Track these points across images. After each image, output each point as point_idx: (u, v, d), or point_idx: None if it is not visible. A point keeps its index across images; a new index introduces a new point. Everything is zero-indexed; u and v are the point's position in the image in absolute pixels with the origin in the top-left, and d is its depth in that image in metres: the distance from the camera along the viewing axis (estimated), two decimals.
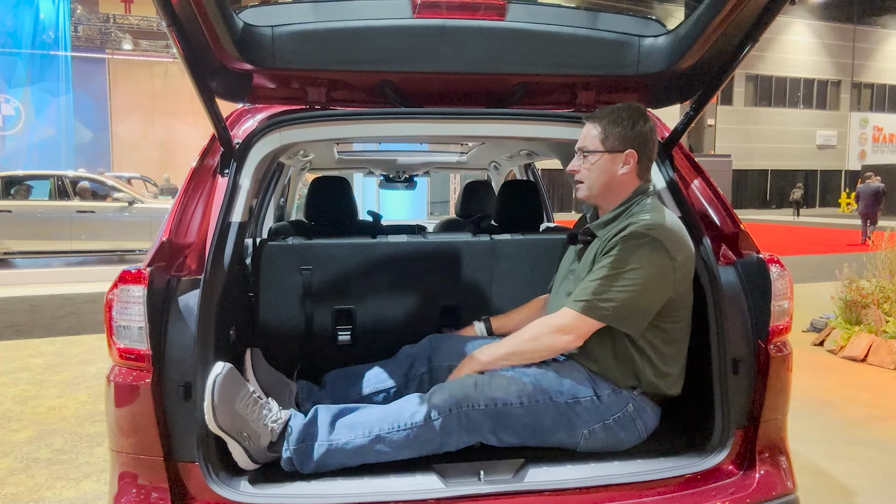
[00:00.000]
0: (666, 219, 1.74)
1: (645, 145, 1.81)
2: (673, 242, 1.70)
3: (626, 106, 1.82)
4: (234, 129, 2.01)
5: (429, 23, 1.80)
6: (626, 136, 1.79)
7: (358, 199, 2.96)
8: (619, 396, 1.76)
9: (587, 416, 1.74)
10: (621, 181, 1.82)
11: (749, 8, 1.53)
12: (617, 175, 1.81)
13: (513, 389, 1.72)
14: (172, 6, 1.39)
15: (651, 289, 1.69)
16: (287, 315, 2.31)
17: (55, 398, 4.22)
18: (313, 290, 2.30)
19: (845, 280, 5.55)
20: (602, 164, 1.82)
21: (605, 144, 1.81)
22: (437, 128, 2.00)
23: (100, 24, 19.58)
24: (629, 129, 1.79)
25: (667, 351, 1.78)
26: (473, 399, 1.69)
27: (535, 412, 1.71)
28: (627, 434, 1.78)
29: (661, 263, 1.68)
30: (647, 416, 1.80)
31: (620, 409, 1.76)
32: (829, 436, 3.59)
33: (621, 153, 1.80)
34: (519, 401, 1.70)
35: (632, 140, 1.79)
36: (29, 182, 10.73)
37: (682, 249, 1.72)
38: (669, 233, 1.71)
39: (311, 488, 1.67)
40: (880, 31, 33.94)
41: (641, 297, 1.68)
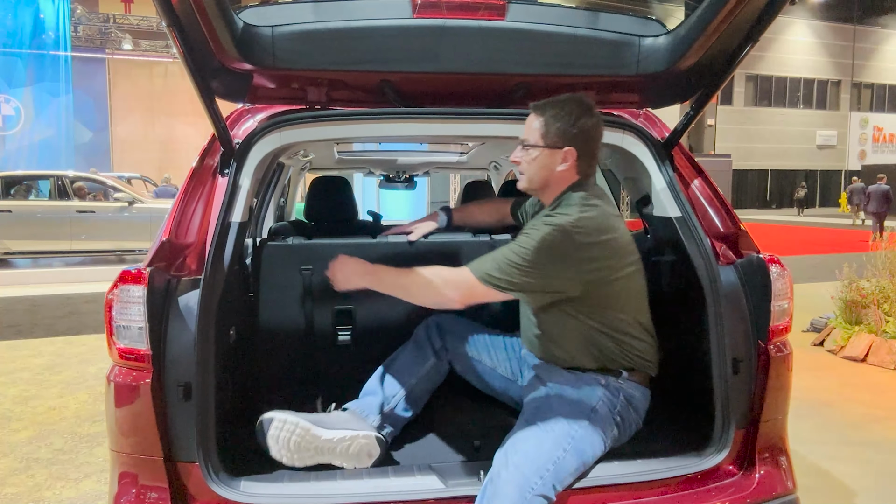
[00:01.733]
0: (585, 212, 1.71)
1: (587, 142, 1.79)
2: (584, 234, 1.67)
3: (571, 99, 1.78)
4: (234, 129, 2.01)
5: (429, 23, 1.80)
6: (566, 132, 1.76)
7: (358, 199, 2.96)
8: (609, 389, 1.77)
9: (605, 421, 1.73)
10: (560, 177, 1.80)
11: (749, 8, 1.53)
12: (555, 171, 1.80)
13: (548, 444, 1.62)
14: (172, 6, 1.39)
15: (546, 271, 1.66)
16: (287, 315, 2.31)
17: (55, 398, 4.22)
18: (313, 290, 2.30)
19: (845, 280, 5.55)
20: (541, 158, 1.80)
21: (544, 139, 1.78)
22: (437, 128, 2.00)
23: (100, 24, 19.56)
24: (570, 126, 1.76)
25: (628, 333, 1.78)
26: (530, 482, 1.54)
27: (578, 448, 1.64)
28: (630, 424, 1.80)
29: (563, 248, 1.65)
30: (638, 400, 1.81)
31: (616, 401, 1.77)
32: (829, 436, 3.59)
33: (560, 150, 1.78)
34: (563, 449, 1.62)
35: (572, 137, 1.77)
36: (29, 182, 10.73)
37: (594, 238, 1.68)
38: (583, 224, 1.68)
39: (310, 488, 1.68)
40: (880, 31, 33.93)
41: (533, 276, 1.65)
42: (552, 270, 1.67)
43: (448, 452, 1.89)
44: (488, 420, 2.04)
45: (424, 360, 2.04)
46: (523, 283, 1.67)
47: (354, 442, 1.76)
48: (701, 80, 1.87)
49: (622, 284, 1.76)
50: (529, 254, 1.65)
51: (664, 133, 2.10)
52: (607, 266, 1.71)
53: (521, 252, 1.66)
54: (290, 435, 1.73)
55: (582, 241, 1.67)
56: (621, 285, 1.76)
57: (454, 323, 2.13)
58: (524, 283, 1.67)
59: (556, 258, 1.66)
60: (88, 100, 19.57)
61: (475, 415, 2.09)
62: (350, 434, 1.76)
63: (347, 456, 1.76)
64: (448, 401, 2.15)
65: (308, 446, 1.74)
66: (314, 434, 1.74)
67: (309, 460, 1.75)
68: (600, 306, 1.75)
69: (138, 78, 20.37)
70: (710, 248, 1.85)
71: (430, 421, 2.06)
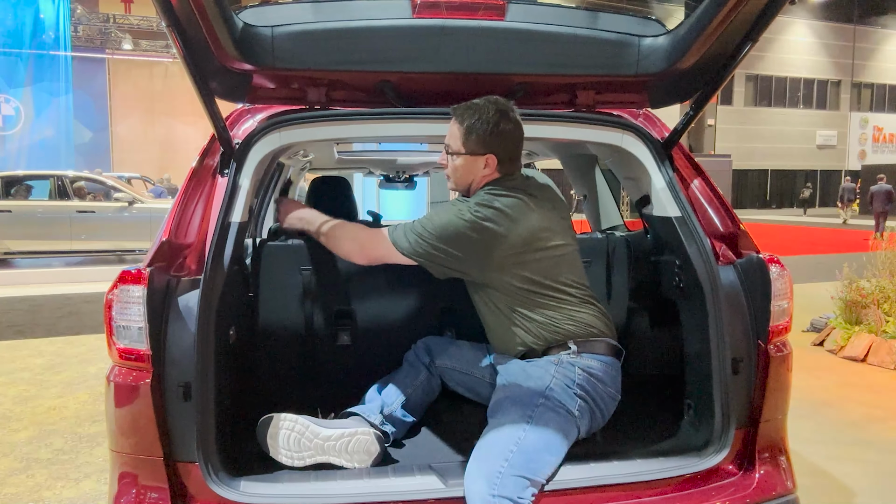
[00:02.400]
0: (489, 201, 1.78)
1: (507, 147, 1.84)
2: (482, 218, 1.75)
3: (489, 103, 1.82)
4: (234, 129, 2.01)
5: (428, 23, 1.80)
6: (486, 139, 1.82)
7: (358, 199, 2.96)
8: (562, 365, 1.78)
9: (565, 396, 1.74)
10: (482, 178, 1.88)
11: (749, 8, 1.53)
12: (479, 174, 1.88)
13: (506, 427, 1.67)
14: (172, 6, 1.38)
15: (443, 248, 1.77)
16: (287, 315, 2.31)
17: (55, 398, 4.22)
18: (313, 290, 2.30)
19: (845, 280, 5.55)
20: (464, 164, 1.87)
21: (465, 146, 1.85)
22: (437, 128, 2.00)
23: (100, 24, 19.57)
24: (489, 133, 1.81)
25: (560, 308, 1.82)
26: (495, 467, 1.56)
27: (539, 427, 1.66)
28: (601, 396, 1.80)
29: (459, 229, 1.76)
30: (599, 369, 1.80)
31: (573, 374, 1.77)
32: (829, 436, 3.59)
33: (482, 156, 1.84)
34: (521, 429, 1.65)
35: (491, 143, 1.82)
36: (29, 182, 10.73)
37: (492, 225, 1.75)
38: (481, 211, 1.76)
39: (310, 488, 1.68)
40: (880, 31, 33.92)
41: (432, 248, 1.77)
42: (448, 248, 1.77)
43: (448, 452, 1.89)
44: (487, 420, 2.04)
45: (417, 374, 2.09)
46: (423, 252, 1.79)
47: (354, 438, 1.76)
48: (701, 80, 1.87)
49: (535, 266, 1.80)
50: (431, 228, 1.78)
51: (664, 133, 2.10)
52: (509, 247, 1.77)
53: (425, 225, 1.79)
54: (290, 432, 1.75)
55: (479, 225, 1.75)
56: (534, 267, 1.80)
57: (440, 343, 2.18)
58: (424, 252, 1.79)
59: (452, 237, 1.76)
60: (88, 100, 19.58)
61: (475, 415, 2.09)
62: (349, 430, 1.77)
63: (347, 453, 1.76)
64: (448, 402, 2.15)
65: (308, 444, 1.75)
66: (314, 431, 1.75)
67: (309, 459, 1.75)
68: (520, 290, 1.80)
69: (138, 78, 20.38)
70: (710, 247, 1.85)
71: (430, 421, 2.07)
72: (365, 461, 1.77)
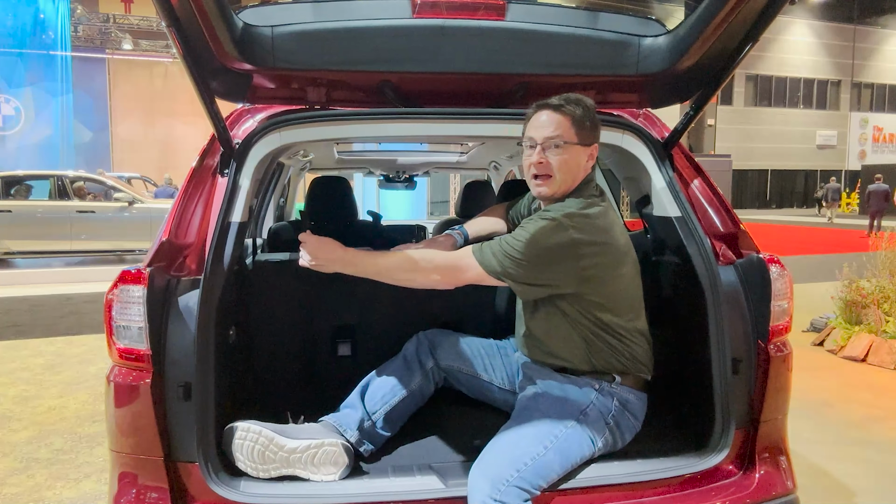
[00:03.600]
0: (584, 209, 1.72)
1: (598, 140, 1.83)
2: (579, 229, 1.67)
3: (582, 97, 1.79)
4: (234, 129, 2.01)
5: (428, 23, 1.80)
6: (595, 129, 1.80)
7: (358, 200, 2.96)
8: (603, 393, 1.76)
9: (595, 425, 1.72)
10: (583, 172, 1.81)
11: (749, 8, 1.53)
12: (582, 168, 1.80)
13: (528, 439, 1.63)
14: (172, 6, 1.38)
15: (538, 264, 1.66)
16: (285, 327, 2.31)
17: (55, 398, 4.22)
18: (311, 302, 2.29)
19: (845, 280, 5.55)
20: (575, 157, 1.77)
21: (579, 137, 1.76)
22: (437, 128, 2.00)
23: (100, 24, 19.55)
24: (595, 125, 1.80)
25: (621, 336, 1.77)
26: (504, 474, 1.55)
27: (562, 448, 1.65)
28: (626, 429, 1.79)
29: (557, 242, 1.65)
30: (634, 404, 1.80)
31: (611, 405, 1.76)
32: (829, 436, 3.59)
33: (590, 146, 1.80)
34: (543, 446, 1.63)
35: (597, 136, 1.81)
36: (29, 182, 10.73)
37: (589, 236, 1.68)
38: (578, 220, 1.68)
39: (310, 488, 1.68)
40: (880, 31, 33.92)
41: (526, 268, 1.66)
42: (545, 264, 1.67)
43: (448, 452, 1.89)
44: (488, 420, 2.04)
45: (411, 378, 1.99)
46: (517, 273, 1.67)
47: (320, 450, 1.70)
48: (701, 80, 1.87)
49: (617, 285, 1.75)
50: (523, 246, 1.66)
51: (664, 133, 2.10)
52: (602, 265, 1.71)
53: (516, 244, 1.67)
54: (254, 444, 1.68)
55: (576, 238, 1.66)
56: (616, 286, 1.75)
57: (445, 337, 2.09)
58: (517, 273, 1.67)
59: (549, 252, 1.66)
60: (88, 100, 19.57)
61: (475, 414, 2.09)
62: (316, 442, 1.71)
63: (313, 465, 1.70)
64: (448, 402, 2.15)
65: (272, 457, 1.69)
66: (278, 443, 1.69)
67: (274, 472, 1.70)
68: (593, 306, 1.74)
69: (138, 78, 20.36)
70: (710, 248, 1.85)
71: (429, 420, 2.06)
72: (332, 473, 1.71)
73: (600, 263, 1.70)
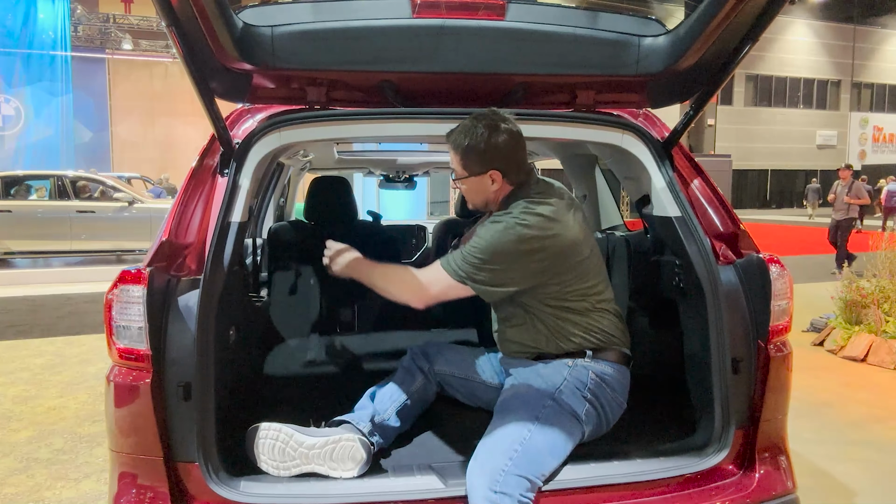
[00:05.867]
0: (530, 209, 1.77)
1: (506, 158, 1.83)
2: (527, 227, 1.74)
3: (476, 121, 1.81)
4: (234, 129, 2.01)
5: (428, 23, 1.80)
6: (482, 158, 1.82)
7: (358, 200, 2.96)
8: (576, 369, 1.80)
9: (573, 399, 1.75)
10: (496, 194, 1.88)
11: (749, 8, 1.53)
12: (490, 192, 1.88)
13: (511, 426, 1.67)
14: (172, 6, 1.38)
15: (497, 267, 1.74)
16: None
17: (55, 398, 4.22)
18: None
19: (845, 280, 5.55)
20: (472, 186, 1.89)
21: (466, 170, 1.86)
22: (438, 127, 2.00)
23: (100, 24, 19.55)
24: (483, 151, 1.81)
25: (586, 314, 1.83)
26: (499, 464, 1.57)
27: (545, 428, 1.67)
28: (609, 402, 1.81)
29: (508, 243, 1.73)
30: (611, 377, 1.82)
31: (585, 378, 1.79)
32: (829, 436, 3.59)
33: (485, 174, 1.84)
34: (527, 429, 1.65)
35: (490, 159, 1.82)
36: (29, 182, 10.73)
37: (538, 232, 1.74)
38: (526, 219, 1.75)
39: (310, 488, 1.68)
40: (880, 31, 33.90)
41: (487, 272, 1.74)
42: (500, 265, 1.74)
43: (448, 452, 1.89)
44: (487, 420, 2.04)
45: (413, 380, 2.06)
46: (478, 277, 1.75)
47: (338, 445, 1.73)
48: (701, 80, 1.87)
49: (576, 271, 1.81)
50: (479, 251, 1.74)
51: (664, 133, 2.10)
52: (556, 255, 1.77)
53: (472, 250, 1.75)
54: (275, 442, 1.72)
55: (524, 234, 1.73)
56: (575, 272, 1.80)
57: (438, 348, 2.17)
58: (479, 278, 1.75)
59: (503, 253, 1.74)
60: (88, 100, 19.57)
61: (474, 415, 2.09)
62: (334, 438, 1.74)
63: (332, 461, 1.72)
64: (447, 403, 2.15)
65: (293, 453, 1.72)
66: (298, 440, 1.72)
67: (294, 469, 1.72)
68: (552, 296, 1.80)
69: (138, 78, 20.36)
70: (710, 247, 1.85)
71: (429, 421, 2.06)
72: (350, 469, 1.72)
73: (554, 254, 1.77)
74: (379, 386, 2.05)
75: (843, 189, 9.83)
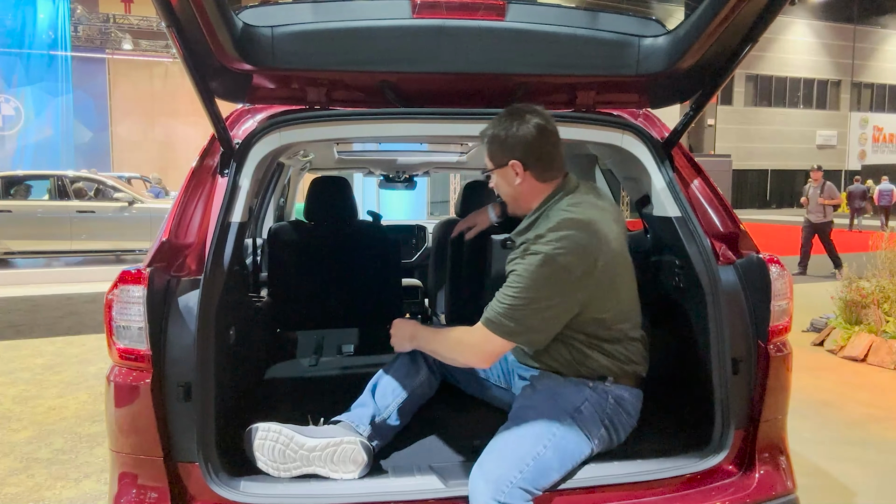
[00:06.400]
0: (566, 231, 1.64)
1: (528, 149, 1.74)
2: (567, 253, 1.61)
3: (505, 112, 1.77)
4: (234, 129, 2.01)
5: (428, 23, 1.80)
6: (503, 147, 1.76)
7: (358, 199, 2.96)
8: (597, 391, 1.76)
9: (591, 422, 1.73)
10: (523, 190, 1.79)
11: (749, 8, 1.53)
12: (515, 186, 1.79)
13: (528, 440, 1.64)
14: (172, 6, 1.38)
15: (546, 303, 1.63)
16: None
17: (55, 398, 4.22)
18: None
19: (845, 280, 5.55)
20: (499, 181, 1.82)
21: (492, 162, 1.81)
22: (437, 128, 2.00)
23: (100, 24, 19.54)
24: (504, 140, 1.75)
25: (616, 341, 1.76)
26: (509, 475, 1.56)
27: (559, 446, 1.65)
28: (621, 426, 1.79)
29: (554, 276, 1.61)
30: (628, 401, 1.79)
31: (605, 403, 1.75)
32: (829, 436, 3.59)
33: (506, 166, 1.77)
34: (542, 445, 1.63)
35: (510, 149, 1.75)
36: (29, 182, 10.73)
37: (580, 258, 1.62)
38: (565, 245, 1.61)
39: (310, 488, 1.68)
40: (880, 31, 33.92)
41: (537, 315, 1.64)
42: (551, 300, 1.63)
43: (448, 452, 1.89)
44: (488, 420, 2.04)
45: (417, 372, 2.01)
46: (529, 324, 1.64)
47: (339, 448, 1.72)
48: (701, 80, 1.87)
49: (614, 294, 1.72)
50: (521, 292, 1.63)
51: (664, 133, 2.10)
52: (599, 282, 1.67)
53: (514, 294, 1.64)
54: (275, 444, 1.70)
55: (568, 263, 1.62)
56: (613, 295, 1.72)
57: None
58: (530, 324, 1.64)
59: (547, 288, 1.62)
60: (88, 100, 19.55)
61: (474, 415, 2.09)
62: (334, 440, 1.72)
63: (333, 463, 1.71)
64: (447, 401, 2.15)
65: (293, 455, 1.71)
66: (298, 442, 1.71)
67: (295, 471, 1.71)
68: (588, 323, 1.73)
69: (138, 78, 20.34)
70: (710, 248, 1.85)
71: (429, 421, 2.06)
72: (351, 471, 1.72)
73: (595, 278, 1.66)
74: (381, 376, 2.00)
75: (814, 191, 9.50)
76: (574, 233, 1.64)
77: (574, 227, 1.65)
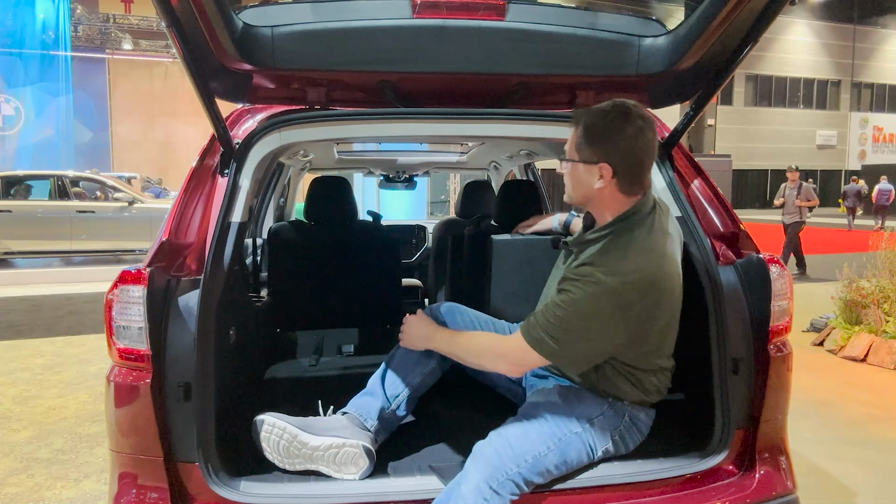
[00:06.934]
0: (638, 264, 1.55)
1: (625, 157, 1.59)
2: (632, 288, 1.53)
3: (613, 106, 1.61)
4: (234, 129, 2.01)
5: (428, 23, 1.80)
6: (598, 143, 1.60)
7: (358, 199, 2.96)
8: (614, 408, 1.74)
9: (600, 436, 1.71)
10: (601, 195, 1.64)
11: (749, 8, 1.53)
12: (594, 188, 1.63)
13: (533, 437, 1.63)
14: (172, 6, 1.38)
15: (595, 336, 1.57)
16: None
17: (55, 398, 4.22)
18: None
19: (845, 280, 5.55)
20: (577, 173, 1.66)
21: (578, 152, 1.64)
22: (437, 128, 2.00)
23: (100, 24, 19.54)
24: (605, 138, 1.59)
25: (647, 371, 1.72)
26: (505, 466, 1.56)
27: (562, 450, 1.64)
28: (630, 442, 1.78)
29: (610, 309, 1.53)
30: (642, 421, 1.79)
31: (619, 422, 1.74)
32: (829, 436, 3.59)
33: (595, 165, 1.61)
34: (546, 447, 1.62)
35: (608, 152, 1.59)
36: (29, 182, 10.74)
37: (644, 294, 1.55)
38: (632, 279, 1.53)
39: (310, 488, 1.68)
40: (880, 31, 33.92)
41: (585, 343, 1.59)
42: (603, 331, 1.57)
43: (448, 452, 1.89)
44: (488, 420, 2.04)
45: (429, 357, 1.95)
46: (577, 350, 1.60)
47: (341, 451, 1.72)
48: (701, 80, 1.87)
49: (661, 330, 1.67)
50: (579, 318, 1.55)
51: (664, 133, 2.10)
52: (653, 316, 1.60)
53: (569, 316, 1.55)
54: (279, 440, 1.72)
55: (631, 299, 1.53)
56: (659, 330, 1.67)
57: (460, 316, 2.02)
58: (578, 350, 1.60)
59: (607, 319, 1.55)
60: (88, 100, 19.56)
61: (476, 415, 2.09)
62: (338, 442, 1.72)
63: (335, 464, 1.72)
64: (447, 400, 2.15)
65: (297, 452, 1.72)
66: (301, 441, 1.72)
67: (299, 466, 1.73)
68: (629, 350, 1.67)
69: (138, 78, 20.35)
70: (710, 248, 1.85)
71: (429, 421, 2.06)
72: (353, 473, 1.72)
73: (650, 315, 1.59)
74: (391, 360, 1.97)
75: (791, 192, 9.36)
76: (644, 269, 1.55)
77: (645, 264, 1.56)
